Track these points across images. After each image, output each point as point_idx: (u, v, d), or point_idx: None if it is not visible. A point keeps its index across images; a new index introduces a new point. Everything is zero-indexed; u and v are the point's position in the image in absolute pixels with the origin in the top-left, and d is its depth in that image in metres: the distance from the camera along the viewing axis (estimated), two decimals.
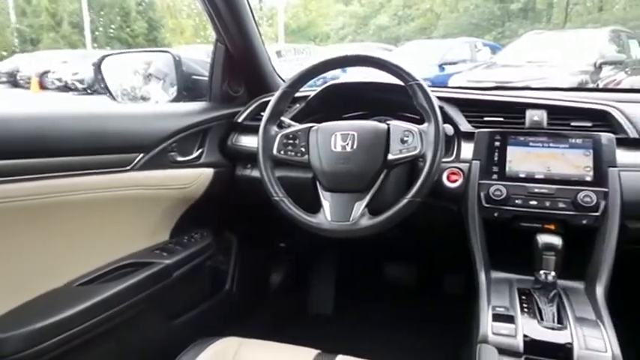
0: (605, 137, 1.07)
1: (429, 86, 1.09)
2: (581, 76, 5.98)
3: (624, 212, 1.03)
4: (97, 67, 1.44)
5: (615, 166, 1.05)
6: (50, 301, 1.02)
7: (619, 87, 6.12)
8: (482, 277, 1.08)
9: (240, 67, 1.45)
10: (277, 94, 1.15)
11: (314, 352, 1.00)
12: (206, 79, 1.47)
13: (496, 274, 1.10)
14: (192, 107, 1.40)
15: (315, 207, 1.09)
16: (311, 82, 1.22)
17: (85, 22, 20.21)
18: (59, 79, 13.06)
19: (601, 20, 17.43)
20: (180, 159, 1.29)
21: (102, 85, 1.46)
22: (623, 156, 1.07)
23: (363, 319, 1.79)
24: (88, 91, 11.81)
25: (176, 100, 1.48)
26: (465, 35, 13.65)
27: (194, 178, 1.32)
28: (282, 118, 1.19)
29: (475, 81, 6.20)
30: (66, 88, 12.77)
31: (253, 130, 1.26)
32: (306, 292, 1.95)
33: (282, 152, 1.12)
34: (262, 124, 1.15)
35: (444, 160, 1.16)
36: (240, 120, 1.42)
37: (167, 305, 1.30)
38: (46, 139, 1.01)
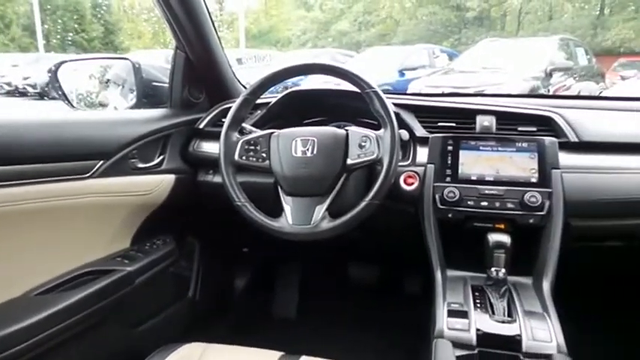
0: (549, 141, 1.15)
1: (389, 92, 1.14)
2: (533, 82, 6.23)
3: (567, 211, 1.11)
4: (54, 73, 1.41)
5: (558, 168, 1.13)
6: (7, 311, 1.00)
7: (566, 93, 6.41)
8: (438, 275, 1.13)
9: (200, 74, 1.46)
10: (238, 100, 1.17)
11: (277, 354, 1.02)
12: (166, 85, 1.46)
13: (451, 273, 1.16)
14: (153, 114, 1.39)
15: (277, 211, 1.12)
16: (272, 89, 1.24)
17: (36, 24, 19.43)
18: (9, 84, 12.47)
19: (551, 29, 18.28)
20: (141, 165, 1.28)
21: (59, 92, 1.42)
22: (565, 158, 1.14)
23: (327, 321, 1.81)
24: (41, 96, 11.36)
25: (136, 106, 1.47)
26: (423, 42, 13.98)
27: (156, 184, 1.31)
28: (244, 125, 1.21)
29: (434, 86, 6.36)
30: (16, 92, 12.23)
31: (215, 137, 1.27)
32: (271, 296, 1.96)
33: (243, 158, 1.14)
34: (223, 130, 1.16)
35: (400, 164, 1.21)
36: (201, 126, 1.43)
37: (129, 313, 1.29)
38: None
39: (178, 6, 1.27)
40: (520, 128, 1.21)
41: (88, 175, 1.14)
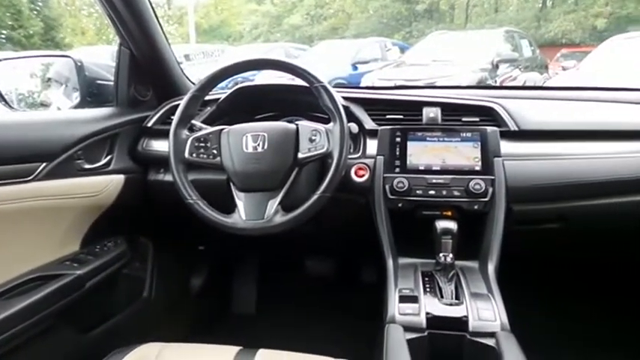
0: (491, 130, 1.21)
1: (342, 85, 1.16)
2: (481, 74, 6.43)
3: (509, 197, 1.17)
4: None
5: (500, 156, 1.19)
6: None
7: (512, 84, 6.66)
8: (389, 263, 1.17)
9: (146, 71, 1.43)
10: (186, 97, 1.16)
11: (235, 349, 1.02)
12: (112, 83, 1.43)
13: (403, 260, 1.20)
14: (99, 113, 1.36)
15: (230, 207, 1.12)
16: (224, 85, 1.23)
17: None
18: None
19: (497, 21, 18.90)
20: (87, 166, 1.25)
21: None
22: (506, 147, 1.20)
23: (286, 315, 1.83)
24: None
25: (80, 106, 1.42)
26: (375, 35, 14.15)
27: (104, 185, 1.28)
28: (193, 122, 1.20)
29: (386, 79, 6.46)
30: None
31: (164, 135, 1.25)
32: (229, 292, 1.96)
33: (194, 155, 1.13)
34: (172, 128, 1.15)
35: (351, 156, 1.24)
36: (149, 124, 1.41)
37: (81, 317, 1.25)
38: None
39: (119, 1, 1.23)
40: (464, 119, 1.26)
41: (30, 178, 1.10)
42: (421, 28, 19.65)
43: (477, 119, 1.26)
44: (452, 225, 1.08)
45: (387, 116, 1.30)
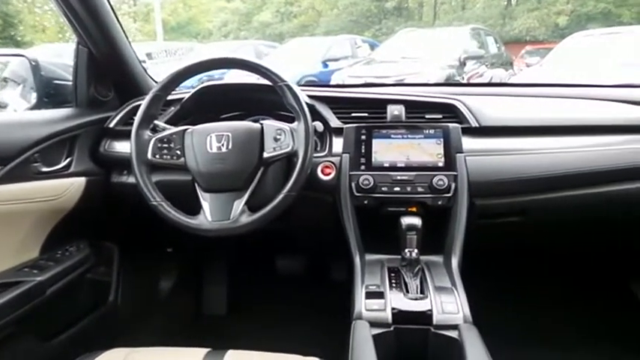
0: (453, 127, 1.23)
1: (309, 84, 1.16)
2: (449, 70, 6.55)
3: (471, 192, 1.19)
4: None
5: (462, 152, 1.21)
6: None
7: (479, 80, 6.80)
8: (356, 260, 1.18)
9: (106, 70, 1.39)
10: (148, 97, 1.14)
11: (204, 351, 1.01)
12: (71, 83, 1.38)
13: (369, 257, 1.21)
14: (56, 114, 1.32)
15: (196, 209, 1.11)
16: (190, 84, 1.22)
17: None
18: None
19: (464, 18, 19.21)
20: (46, 169, 1.21)
21: None
22: (467, 143, 1.23)
23: (257, 315, 1.82)
24: None
25: (37, 107, 1.38)
26: (345, 32, 14.20)
27: (64, 188, 1.25)
28: (156, 122, 1.18)
29: (356, 76, 6.50)
30: None
31: (127, 136, 1.23)
32: (199, 294, 1.94)
33: (157, 156, 1.12)
34: (134, 128, 1.13)
35: (318, 155, 1.25)
36: (111, 125, 1.38)
37: (43, 324, 1.22)
38: None
39: None
40: (427, 116, 1.29)
41: None
42: (391, 26, 19.80)
43: (440, 116, 1.28)
44: (416, 221, 1.10)
45: (353, 114, 1.31)
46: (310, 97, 1.30)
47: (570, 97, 1.44)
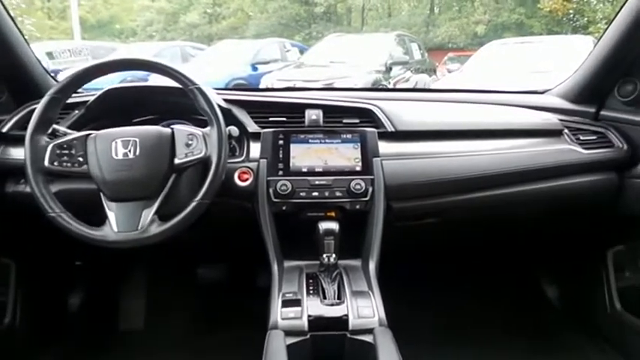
0: (369, 132, 1.24)
1: (238, 87, 1.12)
2: (376, 75, 6.71)
3: (388, 195, 1.21)
4: None
5: (378, 156, 1.22)
6: None
7: (404, 85, 7.04)
8: (274, 267, 1.16)
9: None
10: (44, 100, 1.05)
11: None
12: None
13: (289, 263, 1.20)
14: None
15: (102, 219, 1.03)
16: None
17: None
18: None
19: (390, 25, 19.89)
20: None
21: None
22: (384, 147, 1.25)
23: (176, 328, 1.74)
24: None
25: None
26: (275, 36, 14.16)
27: None
28: (57, 127, 1.09)
29: (285, 80, 6.49)
30: None
31: (23, 141, 1.12)
32: (114, 309, 1.81)
33: (55, 163, 1.03)
34: (28, 134, 1.04)
35: (235, 160, 1.21)
36: (4, 130, 1.26)
37: None
38: None
39: None
40: (345, 120, 1.29)
41: None
42: (320, 30, 20.07)
43: (358, 121, 1.29)
44: (333, 225, 1.09)
45: (271, 119, 1.29)
46: (227, 100, 1.26)
47: (484, 103, 1.51)
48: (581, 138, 1.38)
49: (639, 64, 1.32)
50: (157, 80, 1.31)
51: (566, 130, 1.38)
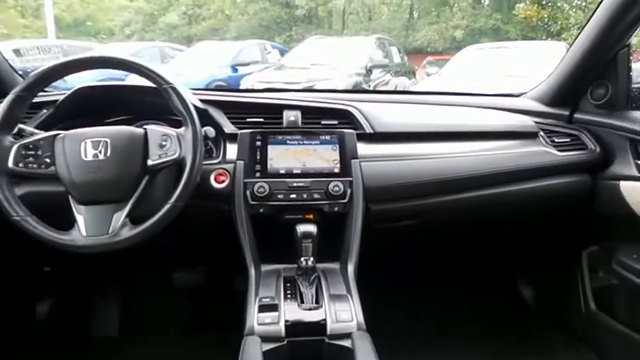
0: (348, 133, 1.24)
1: (214, 88, 1.09)
2: (356, 78, 6.73)
3: (367, 197, 1.20)
4: None
5: (357, 158, 1.22)
6: None
7: (384, 88, 7.08)
8: (251, 271, 1.14)
9: None
10: (8, 98, 1.01)
11: None
12: None
13: (266, 267, 1.17)
14: None
15: (71, 223, 1.00)
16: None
17: None
18: None
19: (371, 28, 20.05)
20: None
21: None
22: (362, 149, 1.24)
23: (152, 334, 1.69)
24: None
25: None
26: (256, 37, 14.09)
27: None
28: (23, 127, 1.05)
29: (266, 82, 6.46)
30: None
31: None
32: (87, 315, 1.76)
33: (20, 165, 0.98)
34: None
35: (211, 162, 1.19)
36: None
37: None
38: None
39: None
40: (323, 122, 1.28)
41: None
42: (301, 32, 20.08)
43: (336, 122, 1.28)
44: (311, 228, 1.08)
45: (248, 120, 1.27)
46: (203, 101, 1.24)
47: (461, 105, 1.52)
48: (556, 140, 1.40)
49: (611, 68, 1.35)
50: (132, 80, 1.28)
51: (541, 133, 1.40)
